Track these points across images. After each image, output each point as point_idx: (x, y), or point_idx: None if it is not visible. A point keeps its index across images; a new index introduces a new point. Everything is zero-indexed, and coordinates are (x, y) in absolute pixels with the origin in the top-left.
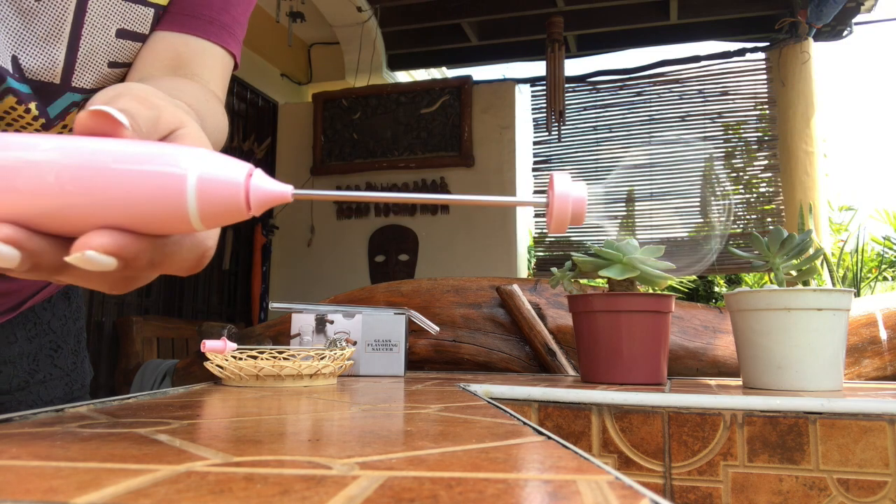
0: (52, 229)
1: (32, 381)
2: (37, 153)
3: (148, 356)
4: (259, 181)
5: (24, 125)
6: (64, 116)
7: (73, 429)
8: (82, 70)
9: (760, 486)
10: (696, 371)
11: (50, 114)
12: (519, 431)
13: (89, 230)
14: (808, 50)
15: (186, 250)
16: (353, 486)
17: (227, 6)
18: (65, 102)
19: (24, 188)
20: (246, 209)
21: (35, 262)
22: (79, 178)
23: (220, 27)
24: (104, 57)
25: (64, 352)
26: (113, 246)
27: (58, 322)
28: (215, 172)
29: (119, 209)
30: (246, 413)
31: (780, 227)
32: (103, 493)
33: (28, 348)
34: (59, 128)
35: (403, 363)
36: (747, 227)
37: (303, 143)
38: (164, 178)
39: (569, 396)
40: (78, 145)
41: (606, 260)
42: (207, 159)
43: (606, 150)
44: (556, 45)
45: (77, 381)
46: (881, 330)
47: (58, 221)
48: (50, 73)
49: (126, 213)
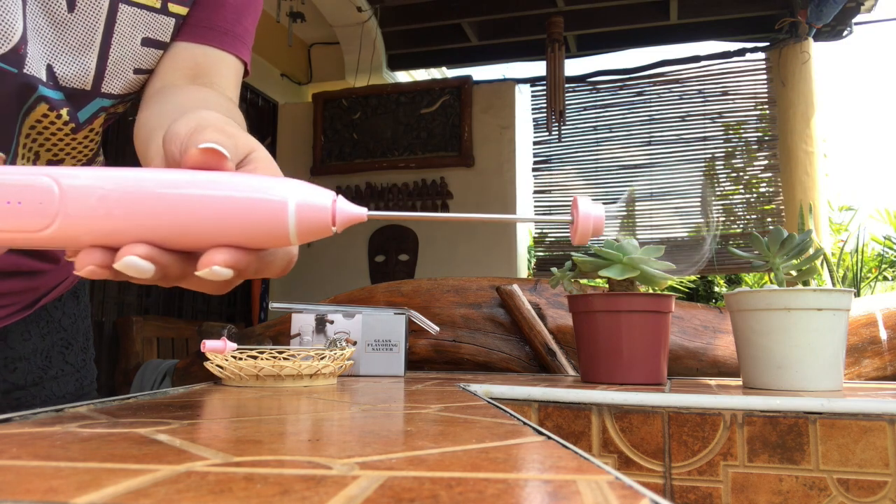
0: (179, 247)
1: (46, 377)
2: (169, 187)
3: (148, 356)
4: (342, 205)
5: (56, 130)
6: (92, 121)
7: (73, 429)
8: (111, 77)
9: (760, 486)
10: (696, 371)
11: (80, 118)
12: (519, 431)
13: (208, 248)
14: (808, 50)
15: (280, 259)
16: (353, 486)
17: (239, 18)
18: (94, 108)
19: (157, 215)
20: (332, 228)
21: (164, 273)
22: (202, 206)
23: (234, 38)
24: (131, 64)
25: (74, 349)
26: (231, 261)
27: (68, 320)
28: (309, 199)
29: (234, 231)
30: (246, 413)
31: (780, 227)
32: (103, 493)
33: (41, 345)
34: (86, 131)
35: (403, 363)
36: (747, 227)
37: (303, 143)
38: (270, 205)
39: (569, 396)
40: (199, 179)
41: (606, 260)
42: (303, 189)
43: (606, 150)
44: (556, 45)
45: (87, 378)
46: (881, 330)
47: (184, 241)
48: (82, 81)
49: (240, 234)
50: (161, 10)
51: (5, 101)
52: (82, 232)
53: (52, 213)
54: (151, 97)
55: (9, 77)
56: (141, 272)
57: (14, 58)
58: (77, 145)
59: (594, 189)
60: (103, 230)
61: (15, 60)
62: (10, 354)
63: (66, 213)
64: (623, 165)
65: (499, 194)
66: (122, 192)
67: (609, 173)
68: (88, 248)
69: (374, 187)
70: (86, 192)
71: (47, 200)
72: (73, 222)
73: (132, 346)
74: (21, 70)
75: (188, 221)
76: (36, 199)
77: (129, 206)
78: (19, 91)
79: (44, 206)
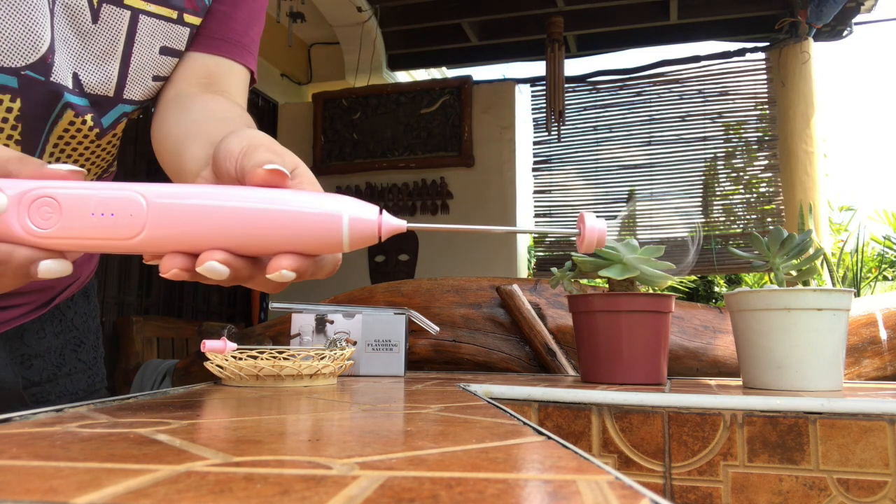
0: (249, 254)
1: (60, 374)
2: (242, 203)
3: (148, 356)
4: (386, 218)
5: (82, 138)
6: (115, 126)
7: (73, 429)
8: (132, 84)
9: (760, 486)
10: (696, 371)
11: (103, 124)
12: (519, 431)
13: (274, 254)
14: (808, 50)
15: (329, 262)
16: (353, 486)
17: (247, 30)
18: (116, 113)
19: (232, 227)
20: (378, 238)
21: (235, 275)
22: (271, 219)
23: (243, 48)
24: (150, 71)
25: (86, 347)
26: (295, 266)
27: (79, 319)
28: (359, 213)
29: (297, 240)
30: (246, 413)
31: (780, 227)
32: (103, 493)
33: (55, 343)
34: (109, 136)
35: (403, 363)
36: (747, 227)
37: (303, 143)
38: (328, 218)
39: (569, 396)
40: (267, 196)
41: (606, 260)
42: (353, 204)
43: (606, 150)
44: (556, 45)
45: (97, 375)
46: (881, 330)
47: (254, 249)
48: (105, 87)
49: (302, 242)
50: (178, 21)
51: (33, 109)
52: (167, 240)
53: (141, 223)
54: (168, 104)
55: (37, 85)
56: (219, 275)
57: (42, 67)
58: (101, 152)
59: (594, 189)
60: (186, 239)
61: (42, 69)
62: (26, 352)
63: (152, 224)
64: (623, 165)
65: (499, 194)
66: (203, 206)
67: (609, 173)
68: (171, 253)
69: (374, 187)
70: (170, 205)
71: (137, 212)
72: (158, 232)
73: (132, 346)
74: (48, 78)
75: (258, 232)
76: (127, 212)
77: (208, 219)
78: (46, 99)
79: (134, 218)
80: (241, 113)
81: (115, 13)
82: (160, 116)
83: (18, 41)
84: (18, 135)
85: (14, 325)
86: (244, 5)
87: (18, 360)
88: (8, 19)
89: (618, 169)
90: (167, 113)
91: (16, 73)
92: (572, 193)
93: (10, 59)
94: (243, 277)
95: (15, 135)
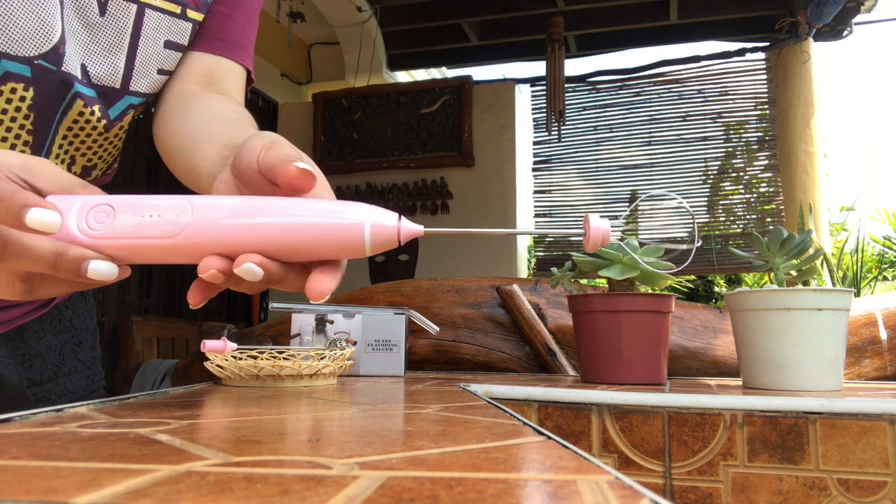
0: (282, 258)
1: (60, 374)
2: (276, 212)
3: (148, 356)
4: (405, 224)
5: (90, 130)
6: (122, 118)
7: (73, 429)
8: (138, 76)
9: (760, 486)
10: (696, 371)
11: (111, 115)
12: (519, 431)
13: (303, 259)
14: (808, 50)
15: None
16: (353, 486)
17: (245, 31)
18: (123, 105)
19: (266, 233)
20: (397, 243)
21: (269, 278)
22: (301, 227)
23: (241, 48)
24: (155, 65)
25: (84, 347)
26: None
27: (78, 319)
28: (380, 221)
29: (324, 247)
30: (246, 413)
31: (780, 227)
32: (103, 493)
33: (55, 343)
34: (116, 129)
35: (403, 363)
36: (747, 227)
37: (303, 143)
38: (351, 226)
39: (569, 396)
40: (297, 205)
41: (606, 260)
42: (374, 212)
43: (606, 150)
44: (556, 45)
45: (96, 375)
46: (881, 330)
47: (287, 254)
48: (112, 79)
49: (329, 248)
50: (181, 16)
51: (45, 98)
52: (206, 243)
53: (183, 224)
54: (172, 102)
55: (49, 74)
56: (255, 277)
57: (54, 57)
58: (108, 146)
59: (594, 189)
60: (225, 242)
61: (55, 59)
62: (27, 351)
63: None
64: (623, 165)
65: (499, 194)
66: (242, 213)
67: (609, 173)
68: (209, 255)
69: (374, 187)
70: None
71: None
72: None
73: (132, 346)
74: (59, 68)
75: (290, 239)
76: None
77: (246, 225)
78: (57, 88)
79: (178, 218)
80: (246, 114)
81: (123, 6)
82: (164, 114)
83: (32, 31)
84: (31, 124)
85: (15, 324)
86: (243, 7)
87: (20, 359)
88: (22, 9)
89: (618, 169)
90: (172, 111)
91: (29, 63)
92: (572, 193)
93: (25, 48)
94: (274, 280)
95: (28, 124)
